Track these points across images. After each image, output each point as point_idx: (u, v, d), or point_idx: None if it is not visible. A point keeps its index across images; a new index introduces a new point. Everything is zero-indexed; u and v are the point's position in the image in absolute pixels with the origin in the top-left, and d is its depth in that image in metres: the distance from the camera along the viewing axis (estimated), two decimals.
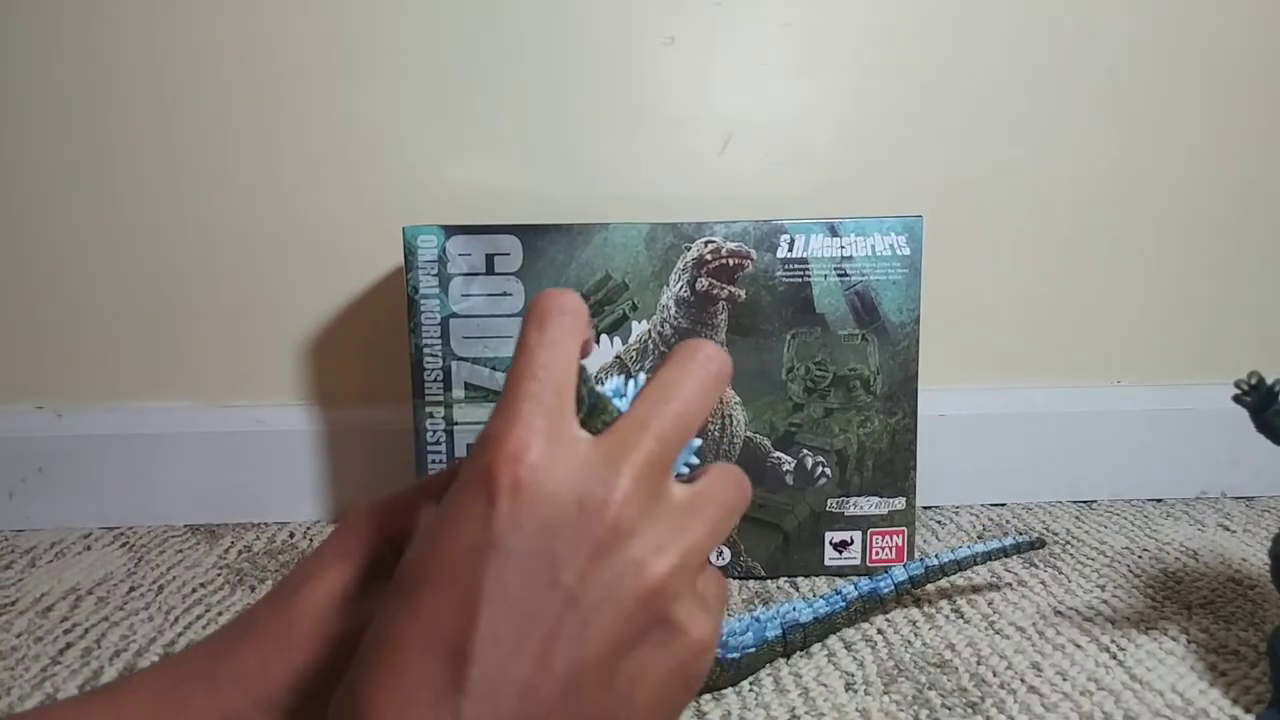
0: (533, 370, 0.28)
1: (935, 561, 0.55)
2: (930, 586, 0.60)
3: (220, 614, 0.58)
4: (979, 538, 0.69)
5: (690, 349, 0.30)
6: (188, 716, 0.31)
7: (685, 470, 0.38)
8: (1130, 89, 0.74)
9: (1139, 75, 0.74)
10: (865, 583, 0.54)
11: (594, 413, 0.35)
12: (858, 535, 0.62)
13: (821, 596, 0.53)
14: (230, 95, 0.72)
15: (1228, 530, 0.69)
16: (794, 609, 0.52)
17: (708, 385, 0.30)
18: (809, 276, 0.60)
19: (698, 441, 0.39)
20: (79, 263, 0.74)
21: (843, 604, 0.53)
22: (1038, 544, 0.57)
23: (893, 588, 0.54)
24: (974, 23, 0.73)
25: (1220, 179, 0.75)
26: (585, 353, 0.31)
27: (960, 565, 0.56)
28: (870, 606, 0.54)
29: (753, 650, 0.49)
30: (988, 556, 0.56)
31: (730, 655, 0.48)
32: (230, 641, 0.33)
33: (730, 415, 0.61)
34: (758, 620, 0.50)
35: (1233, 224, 0.76)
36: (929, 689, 0.48)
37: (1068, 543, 0.67)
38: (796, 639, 0.51)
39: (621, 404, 0.38)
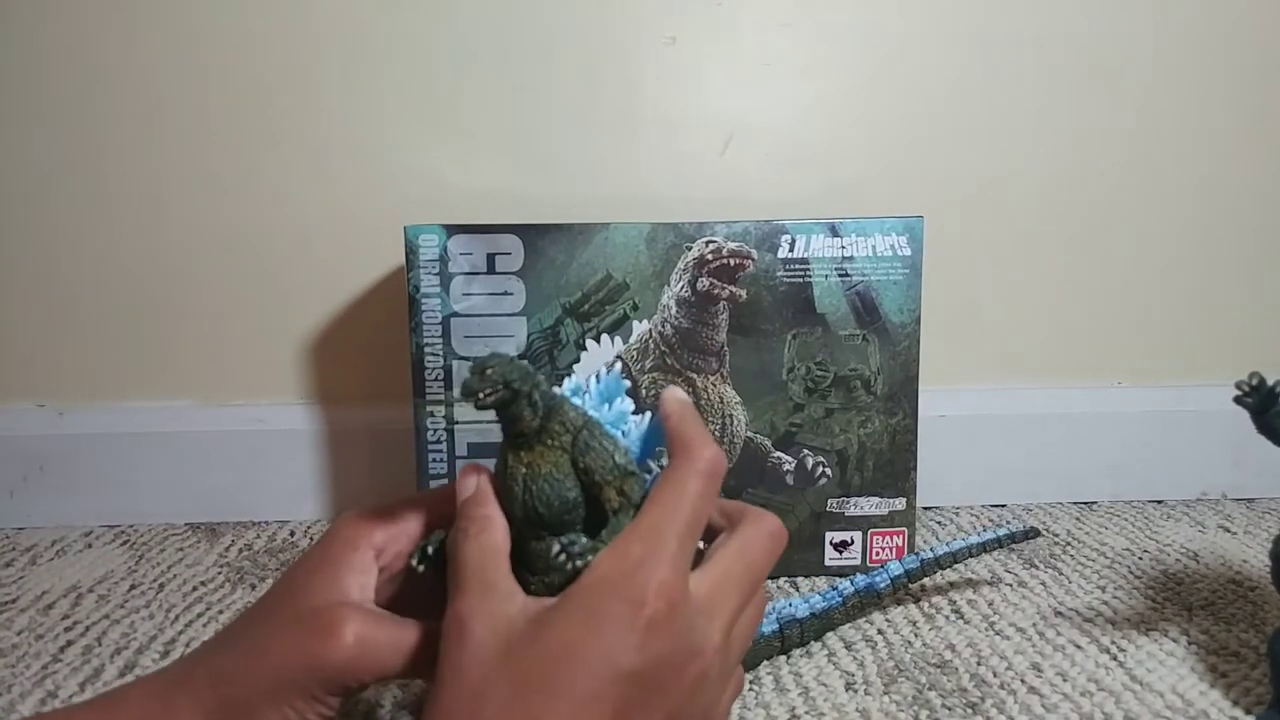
0: (689, 516, 0.33)
1: (930, 555, 0.55)
2: (931, 586, 0.60)
3: (221, 612, 0.58)
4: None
5: (770, 525, 0.36)
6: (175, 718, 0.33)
7: (652, 474, 0.38)
8: (1131, 90, 0.74)
9: (1139, 75, 0.74)
10: (861, 578, 0.54)
11: (550, 415, 0.36)
12: (858, 535, 0.62)
13: (818, 592, 0.53)
14: (231, 94, 0.72)
15: (1228, 532, 0.69)
16: (790, 605, 0.52)
17: (773, 555, 0.36)
18: (810, 277, 0.60)
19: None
20: (80, 262, 0.74)
21: (839, 599, 0.53)
22: (1031, 534, 0.58)
23: (889, 582, 0.54)
24: (976, 22, 0.73)
25: (1221, 180, 0.75)
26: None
27: (955, 557, 0.56)
28: (867, 602, 0.54)
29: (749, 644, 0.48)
30: (982, 548, 0.56)
31: None
32: (216, 648, 0.35)
33: (731, 415, 0.61)
34: None
35: (1234, 225, 0.76)
36: (929, 689, 0.48)
37: (1068, 544, 0.67)
38: (794, 635, 0.51)
39: (580, 401, 0.38)
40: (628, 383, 0.39)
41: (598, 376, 0.40)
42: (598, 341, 0.60)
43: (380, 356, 0.74)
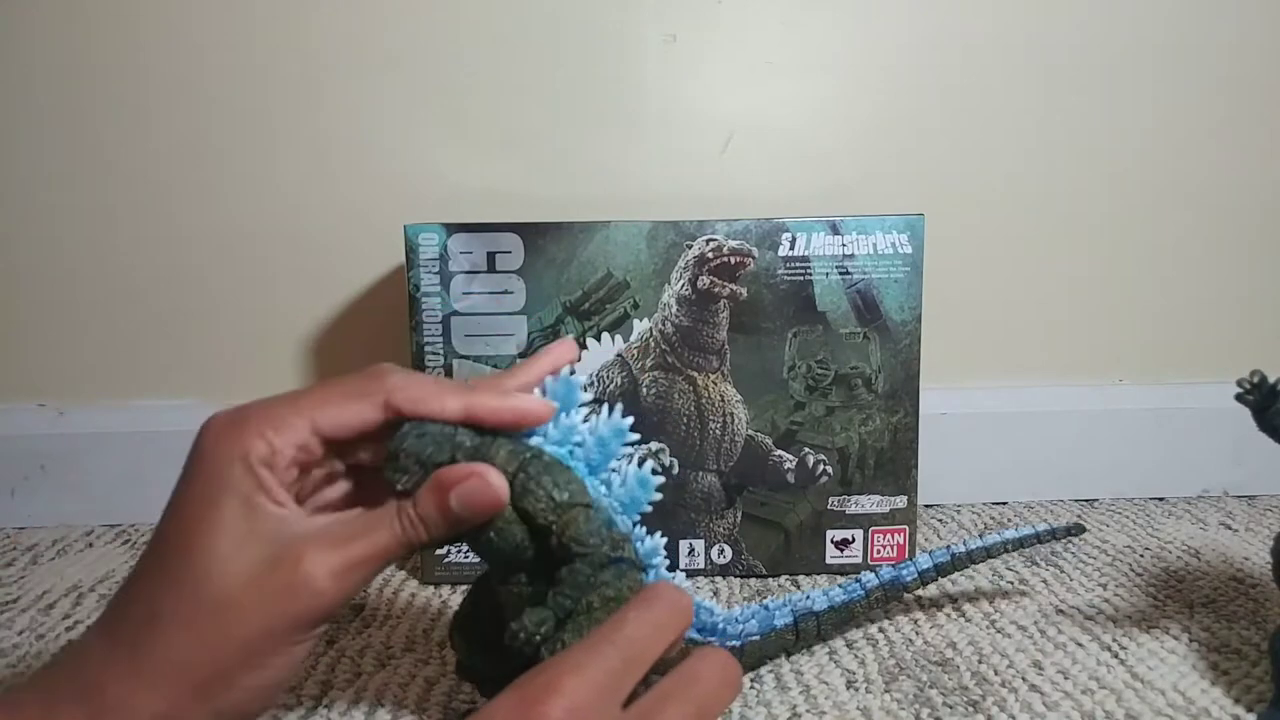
0: (616, 637, 0.31)
1: (962, 549, 0.52)
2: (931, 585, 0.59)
3: None
4: (980, 536, 0.69)
5: (720, 659, 0.33)
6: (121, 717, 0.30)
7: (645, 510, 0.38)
8: (1132, 89, 0.74)
9: (1140, 74, 0.74)
10: (887, 570, 0.51)
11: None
12: (859, 533, 0.62)
13: (839, 584, 0.51)
14: (231, 94, 0.72)
15: (1230, 529, 0.69)
16: (808, 597, 0.49)
17: (730, 689, 0.33)
18: (810, 275, 0.60)
19: (628, 420, 0.38)
20: (80, 261, 0.74)
21: (862, 592, 0.50)
22: (1075, 530, 0.54)
23: (916, 576, 0.51)
24: (977, 21, 0.73)
25: (1222, 177, 0.75)
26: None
27: (990, 553, 0.52)
28: (892, 595, 0.51)
29: (757, 638, 0.47)
30: (1020, 544, 0.53)
31: (730, 643, 0.46)
32: (142, 632, 0.32)
33: (732, 414, 0.61)
34: (765, 608, 0.48)
35: (1235, 222, 0.76)
36: (930, 687, 0.48)
37: (1069, 541, 0.67)
38: (810, 628, 0.49)
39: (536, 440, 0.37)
40: (580, 379, 0.38)
41: (543, 389, 0.38)
42: (598, 340, 0.60)
43: (380, 355, 0.74)
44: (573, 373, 0.38)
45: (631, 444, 0.38)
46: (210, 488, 0.33)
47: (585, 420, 0.38)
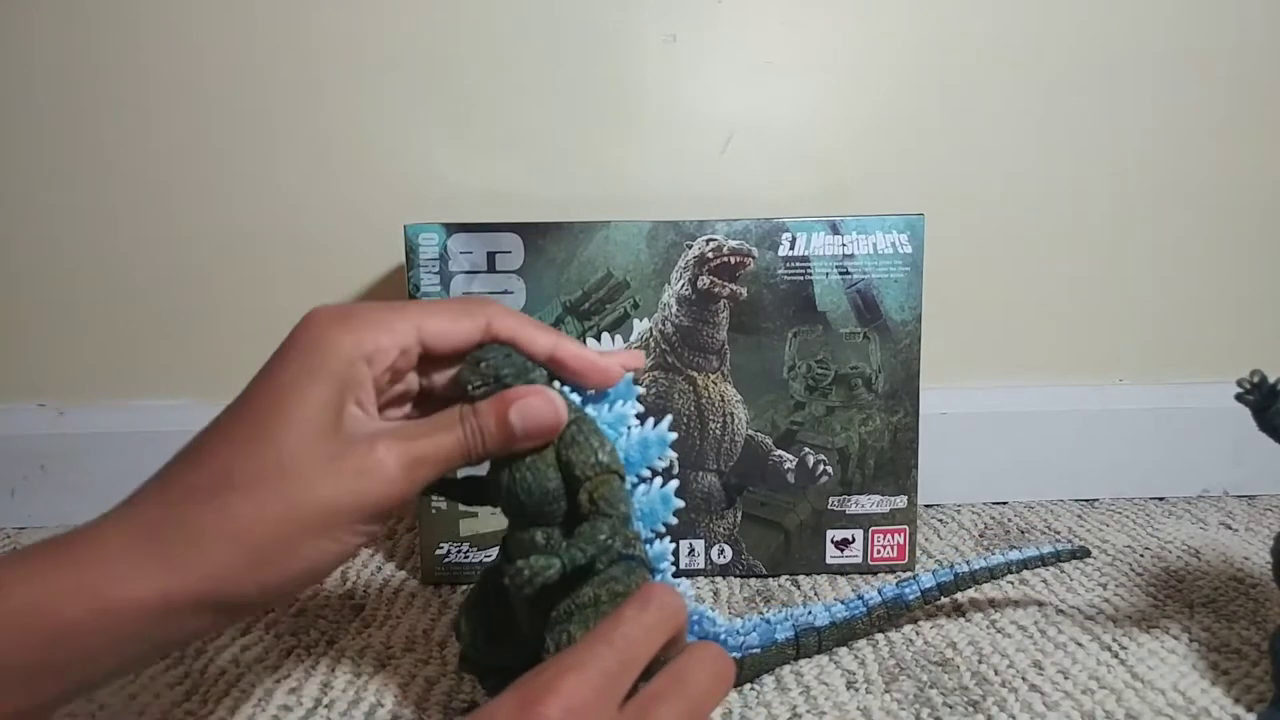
0: (613, 638, 0.31)
1: (966, 568, 0.52)
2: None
3: None
4: (980, 535, 0.69)
5: (710, 653, 0.33)
6: (175, 573, 0.31)
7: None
8: (1132, 88, 0.74)
9: (1141, 74, 0.74)
10: (889, 588, 0.51)
11: None
12: (859, 533, 0.62)
13: (841, 601, 0.51)
14: (231, 93, 0.72)
15: (1230, 529, 0.69)
16: (809, 612, 0.50)
17: (722, 683, 0.33)
18: (810, 275, 0.60)
19: (672, 435, 0.39)
20: (80, 261, 0.74)
21: (863, 609, 0.50)
22: (1080, 553, 0.54)
23: (919, 594, 0.51)
24: (977, 21, 0.73)
25: (1222, 177, 0.75)
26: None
27: (994, 573, 0.52)
28: (894, 614, 0.51)
29: (758, 651, 0.47)
30: (1024, 565, 0.53)
31: (731, 654, 0.46)
32: (210, 488, 0.32)
33: (732, 414, 0.61)
34: (767, 621, 0.48)
35: (1235, 222, 0.76)
36: (930, 687, 0.48)
37: (1070, 541, 0.67)
38: (810, 643, 0.49)
39: (579, 397, 0.39)
40: (640, 389, 0.40)
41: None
42: (598, 340, 0.60)
43: None
44: (636, 381, 0.40)
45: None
46: (311, 367, 0.34)
47: (635, 418, 0.40)
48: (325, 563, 0.33)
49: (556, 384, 0.39)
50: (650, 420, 0.39)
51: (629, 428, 0.39)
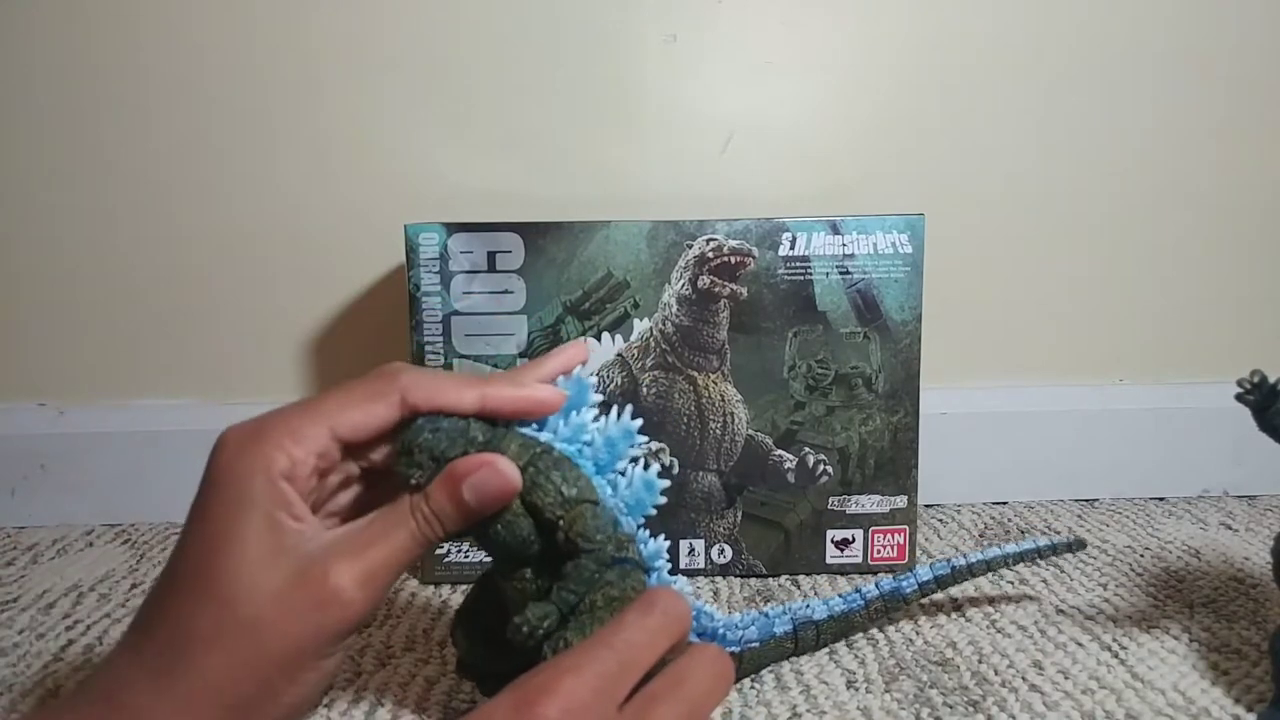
0: (613, 641, 0.31)
1: (963, 562, 0.52)
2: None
3: None
4: (980, 535, 0.69)
5: (711, 654, 0.33)
6: None
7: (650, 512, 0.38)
8: (1132, 88, 0.74)
9: (1141, 74, 0.74)
10: (887, 582, 0.52)
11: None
12: (859, 533, 0.62)
13: (839, 595, 0.51)
14: (231, 93, 0.72)
15: (1230, 529, 0.69)
16: (807, 606, 0.50)
17: (722, 685, 0.33)
18: (811, 274, 0.60)
19: (637, 422, 0.38)
20: (80, 261, 0.74)
21: (861, 603, 0.51)
22: (1076, 545, 0.54)
23: (916, 588, 0.52)
24: (978, 21, 0.73)
25: (1222, 177, 0.75)
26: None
27: (990, 566, 0.53)
28: (891, 607, 0.52)
29: (756, 645, 0.47)
30: (1019, 558, 0.53)
31: (730, 649, 0.46)
32: (171, 653, 0.31)
33: (732, 413, 0.61)
34: (765, 616, 0.48)
35: (1235, 222, 0.76)
36: (930, 687, 0.48)
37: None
38: (809, 637, 0.49)
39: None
40: (591, 380, 0.38)
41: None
42: (598, 339, 0.60)
43: (381, 355, 0.74)
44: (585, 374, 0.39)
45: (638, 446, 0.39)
46: (232, 505, 0.32)
47: (595, 420, 0.38)
48: (311, 695, 0.33)
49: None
50: (611, 414, 0.38)
51: (589, 437, 0.38)
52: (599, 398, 0.39)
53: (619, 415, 0.38)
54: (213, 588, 0.31)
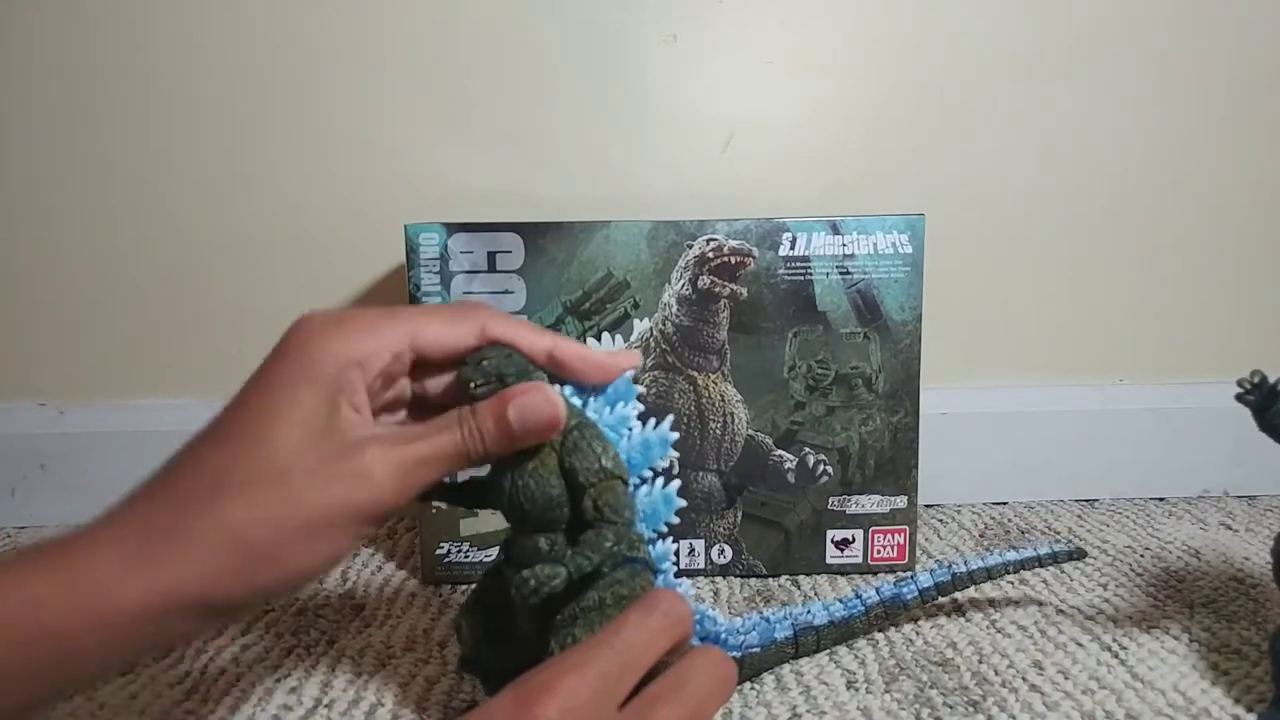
0: (614, 641, 0.31)
1: (964, 568, 0.52)
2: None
3: None
4: (980, 535, 0.69)
5: (713, 657, 0.34)
6: (165, 575, 0.31)
7: (666, 526, 0.39)
8: (1132, 88, 0.74)
9: (1141, 74, 0.74)
10: (887, 588, 0.51)
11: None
12: (859, 533, 0.62)
13: (839, 600, 0.51)
14: (231, 92, 0.72)
15: (1230, 529, 0.69)
16: (808, 611, 0.50)
17: (724, 687, 0.34)
18: (811, 274, 0.60)
19: (674, 435, 0.39)
20: (80, 260, 0.74)
21: (861, 609, 0.51)
22: (1077, 554, 0.54)
23: (917, 594, 0.51)
24: (978, 20, 0.73)
25: (1224, 176, 0.75)
26: None
27: (990, 574, 0.52)
28: (892, 613, 0.52)
29: (757, 650, 0.47)
30: (1020, 565, 0.53)
31: (731, 654, 0.46)
32: (195, 500, 0.32)
33: (732, 413, 0.61)
34: (766, 620, 0.48)
35: (1235, 222, 0.76)
36: (930, 687, 0.48)
37: (1068, 543, 0.67)
38: (809, 641, 0.49)
39: (580, 401, 0.39)
40: (640, 389, 0.40)
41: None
42: (599, 339, 0.60)
43: None
44: (635, 380, 0.40)
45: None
46: (298, 377, 0.34)
47: (636, 419, 0.39)
48: (317, 564, 0.33)
49: (558, 387, 0.39)
50: (651, 421, 0.39)
51: (630, 429, 0.39)
52: (640, 407, 0.40)
53: (657, 425, 0.39)
54: (259, 439, 0.33)
